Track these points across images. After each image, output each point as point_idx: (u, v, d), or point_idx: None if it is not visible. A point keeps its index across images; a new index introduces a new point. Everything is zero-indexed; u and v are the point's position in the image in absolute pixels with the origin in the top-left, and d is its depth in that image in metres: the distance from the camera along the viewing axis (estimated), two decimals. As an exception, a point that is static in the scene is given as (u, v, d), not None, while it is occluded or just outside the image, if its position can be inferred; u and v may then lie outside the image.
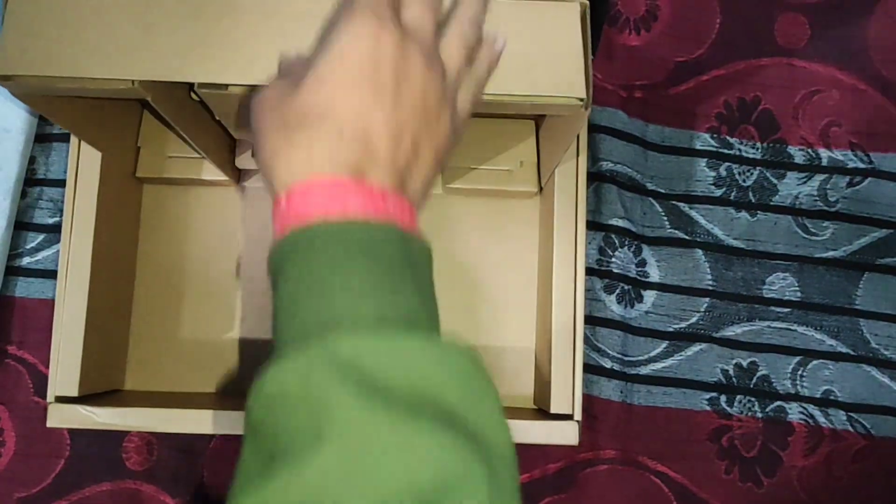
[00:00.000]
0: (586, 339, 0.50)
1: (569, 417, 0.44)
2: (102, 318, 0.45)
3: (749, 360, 0.52)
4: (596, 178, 0.52)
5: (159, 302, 0.50)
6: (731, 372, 0.52)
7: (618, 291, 0.52)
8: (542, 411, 0.46)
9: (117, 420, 0.42)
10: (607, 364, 0.51)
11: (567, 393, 0.44)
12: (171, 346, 0.50)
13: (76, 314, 0.43)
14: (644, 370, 0.51)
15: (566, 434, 0.43)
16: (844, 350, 0.52)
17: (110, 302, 0.47)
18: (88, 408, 0.42)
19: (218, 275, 0.50)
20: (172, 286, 0.50)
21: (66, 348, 0.43)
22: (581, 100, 0.35)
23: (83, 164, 0.45)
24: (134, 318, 0.50)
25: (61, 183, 0.52)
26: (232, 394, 0.49)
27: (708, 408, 0.51)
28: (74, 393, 0.43)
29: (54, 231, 0.51)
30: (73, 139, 0.45)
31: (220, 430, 0.45)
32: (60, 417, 0.42)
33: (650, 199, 0.53)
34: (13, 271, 0.51)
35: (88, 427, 0.42)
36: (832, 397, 0.52)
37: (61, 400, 0.43)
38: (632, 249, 0.52)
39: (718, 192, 0.53)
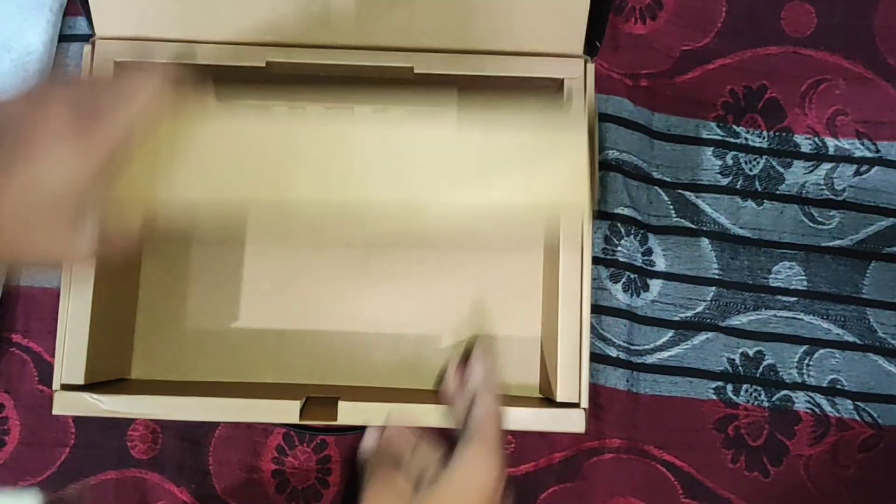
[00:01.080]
0: (592, 328, 0.50)
1: (575, 405, 0.44)
2: (108, 306, 0.45)
3: (755, 349, 0.52)
4: (601, 166, 0.52)
5: (165, 291, 0.50)
6: (738, 361, 0.52)
7: (623, 280, 0.52)
8: (548, 400, 0.46)
9: (123, 407, 0.42)
10: (613, 353, 0.51)
11: (573, 381, 0.44)
12: (177, 335, 0.50)
13: (82, 303, 0.43)
14: (650, 359, 0.51)
15: (573, 421, 0.43)
16: (851, 339, 0.52)
17: (116, 290, 0.47)
18: (94, 395, 0.42)
19: (224, 264, 0.50)
20: (178, 275, 0.50)
21: (72, 336, 0.43)
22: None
23: None
24: (140, 308, 0.50)
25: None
26: (237, 382, 0.49)
27: (714, 397, 0.51)
28: (80, 381, 0.43)
29: (59, 220, 0.51)
30: None
31: (225, 418, 0.45)
32: (66, 405, 0.42)
33: (656, 187, 0.53)
34: (18, 260, 0.51)
35: (94, 415, 0.42)
36: (839, 386, 0.51)
37: (67, 388, 0.43)
38: (638, 238, 0.52)
39: (725, 181, 0.53)
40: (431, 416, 0.43)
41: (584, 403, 0.44)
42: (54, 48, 0.52)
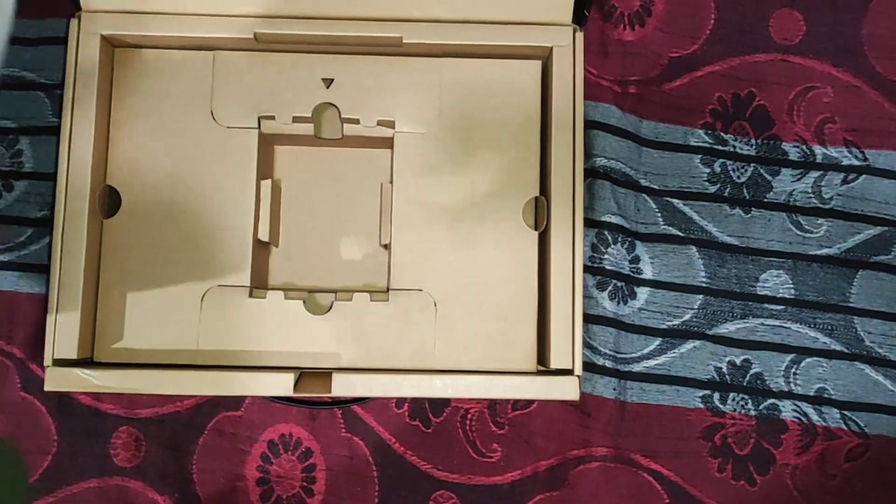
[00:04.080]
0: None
1: (569, 372, 0.44)
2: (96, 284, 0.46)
3: (742, 357, 0.52)
4: (589, 174, 0.52)
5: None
6: (725, 369, 0.51)
7: (610, 288, 0.51)
8: (543, 372, 0.46)
9: (116, 382, 0.42)
10: (600, 361, 0.51)
11: (566, 348, 0.44)
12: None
13: (73, 279, 0.43)
14: (637, 367, 0.51)
15: (566, 388, 0.43)
16: (838, 348, 0.52)
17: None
18: (87, 371, 0.42)
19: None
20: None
21: (64, 311, 0.43)
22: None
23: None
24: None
25: (49, 177, 0.51)
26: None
27: (701, 405, 0.51)
28: (73, 355, 0.43)
29: (42, 225, 0.51)
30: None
31: (219, 391, 0.43)
32: (58, 381, 0.42)
33: (644, 195, 0.53)
34: (0, 265, 0.50)
35: (87, 391, 0.42)
36: (826, 395, 0.51)
37: (59, 363, 0.42)
38: (625, 246, 0.52)
39: (712, 189, 0.53)
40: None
41: (578, 370, 0.44)
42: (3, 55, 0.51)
